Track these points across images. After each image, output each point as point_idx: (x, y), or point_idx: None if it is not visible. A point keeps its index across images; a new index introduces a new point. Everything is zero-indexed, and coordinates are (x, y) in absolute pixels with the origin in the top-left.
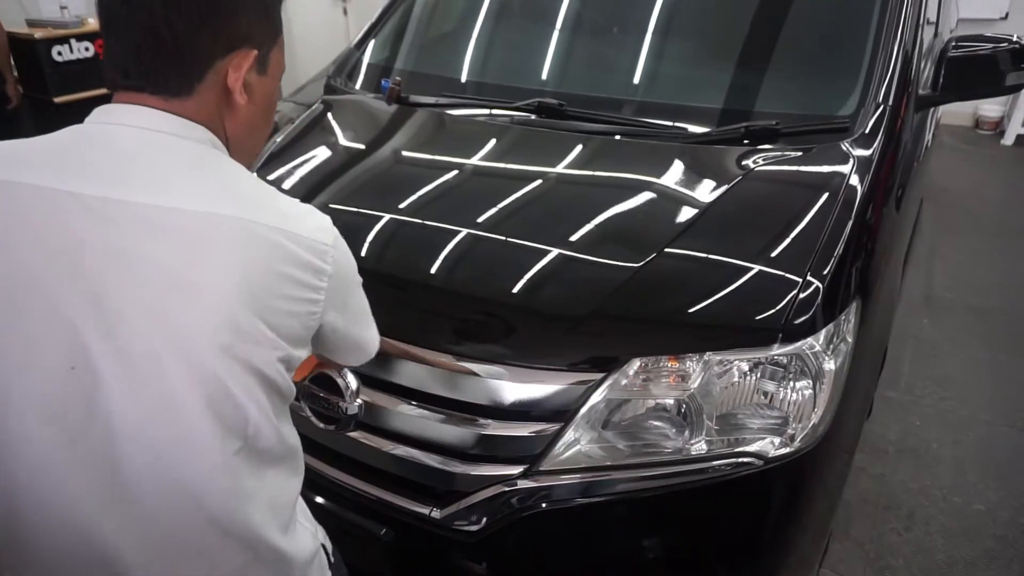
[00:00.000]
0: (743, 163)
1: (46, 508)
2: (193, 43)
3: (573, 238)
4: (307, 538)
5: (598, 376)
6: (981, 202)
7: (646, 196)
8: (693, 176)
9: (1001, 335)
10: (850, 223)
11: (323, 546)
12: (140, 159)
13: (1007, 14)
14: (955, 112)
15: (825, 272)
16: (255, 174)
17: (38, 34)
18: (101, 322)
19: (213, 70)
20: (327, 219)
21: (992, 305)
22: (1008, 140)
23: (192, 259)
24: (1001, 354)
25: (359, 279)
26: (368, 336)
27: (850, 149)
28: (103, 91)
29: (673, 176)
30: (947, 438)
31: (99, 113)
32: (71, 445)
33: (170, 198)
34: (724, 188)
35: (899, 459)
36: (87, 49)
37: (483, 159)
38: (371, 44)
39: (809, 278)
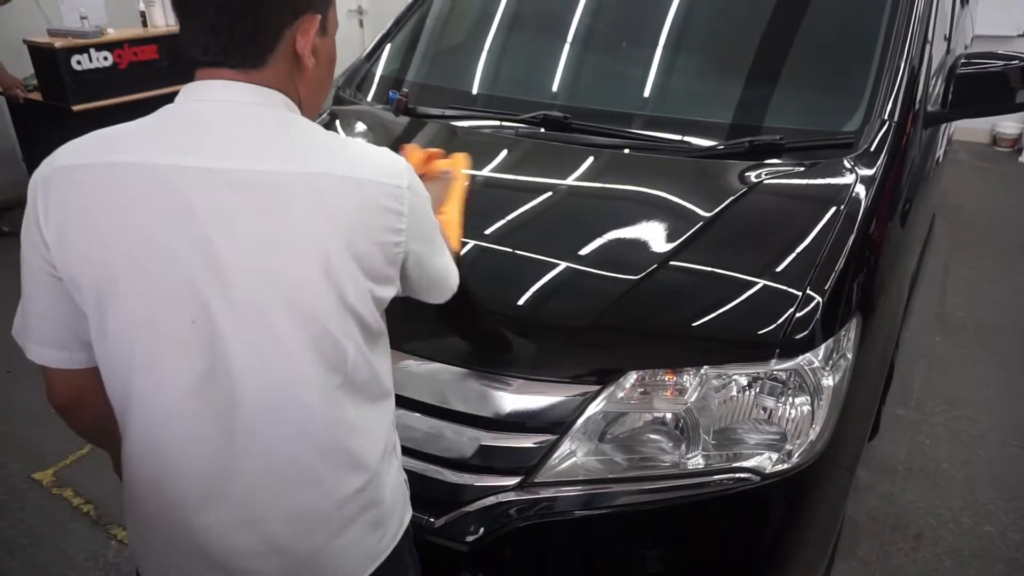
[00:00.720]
0: (746, 177)
1: (179, 448)
2: (263, 15)
3: (573, 250)
4: (401, 491)
5: (594, 388)
6: (997, 220)
7: (648, 209)
8: (695, 190)
9: (1014, 354)
10: (852, 238)
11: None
12: (229, 129)
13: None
14: (972, 129)
15: (825, 287)
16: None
17: (58, 43)
18: (215, 278)
19: (283, 39)
20: (400, 161)
21: (1005, 323)
22: None
23: (286, 214)
24: (1014, 373)
25: (433, 214)
26: (449, 267)
27: (853, 165)
28: (121, 99)
29: (675, 190)
30: (957, 457)
31: (186, 92)
32: (196, 392)
33: (261, 162)
34: (726, 202)
35: (908, 478)
36: (105, 59)
37: (488, 171)
38: (380, 56)
39: (809, 293)
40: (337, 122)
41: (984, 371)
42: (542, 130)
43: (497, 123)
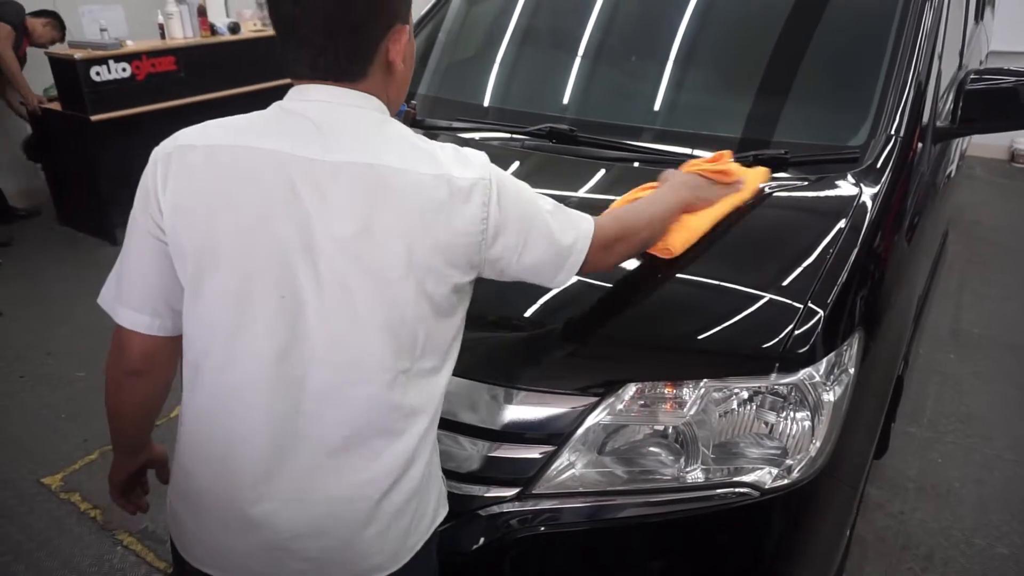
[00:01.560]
0: None
1: (250, 413)
2: (364, 35)
3: None
4: (437, 487)
5: (593, 399)
6: (1014, 236)
7: None
8: None
9: None
10: (855, 252)
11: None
12: (333, 125)
13: None
14: (990, 145)
15: (827, 301)
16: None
17: (78, 55)
18: (307, 258)
19: (379, 52)
20: (480, 157)
21: (1021, 342)
22: None
23: (378, 204)
24: None
25: (527, 204)
26: (554, 255)
27: (858, 179)
28: (139, 110)
29: None
30: (970, 477)
31: (295, 92)
32: (277, 363)
33: (360, 155)
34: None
35: (919, 497)
36: (124, 70)
37: None
38: None
39: (810, 306)
40: None
41: (999, 390)
42: (551, 142)
43: (505, 135)
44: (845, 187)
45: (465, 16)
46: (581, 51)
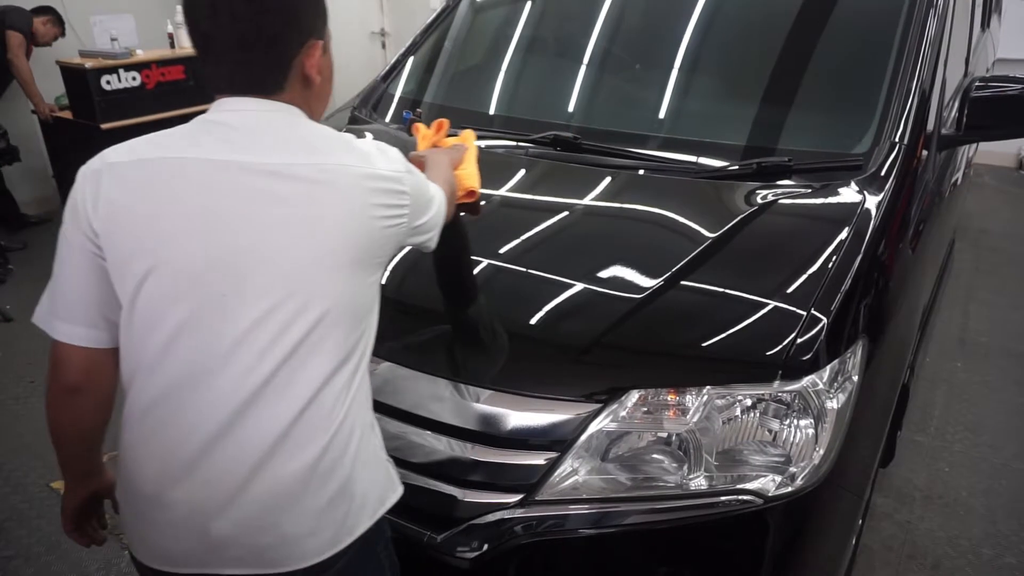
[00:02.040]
0: (752, 198)
1: (181, 419)
2: (278, 50)
3: (578, 269)
4: (375, 470)
5: (596, 406)
6: (1022, 245)
7: (654, 229)
8: (701, 210)
9: None
10: (858, 260)
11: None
12: (253, 131)
13: None
14: (998, 153)
15: (830, 308)
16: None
17: (89, 64)
18: (235, 258)
19: (294, 67)
20: (396, 152)
21: None
22: None
23: (305, 199)
24: None
25: (428, 188)
26: (432, 227)
27: (862, 186)
28: (148, 118)
29: (681, 210)
30: (978, 486)
31: (216, 105)
32: (218, 359)
33: (279, 155)
34: (732, 223)
35: (926, 506)
36: (134, 79)
37: (498, 191)
38: (396, 77)
39: (813, 314)
40: None
41: (1006, 398)
42: (555, 150)
43: (509, 143)
44: (849, 195)
45: (470, 25)
46: (586, 59)
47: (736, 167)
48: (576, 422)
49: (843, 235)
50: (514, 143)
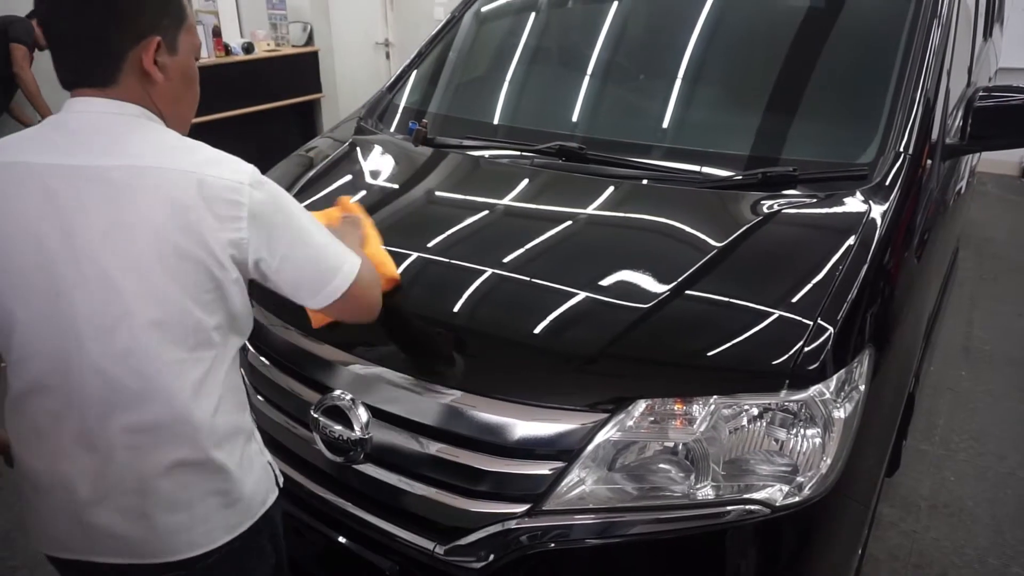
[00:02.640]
0: (758, 208)
1: (41, 421)
2: (103, 44)
3: (585, 279)
4: (256, 471)
5: (603, 416)
6: None
7: (660, 239)
8: (708, 220)
9: None
10: (864, 269)
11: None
12: (90, 133)
13: None
14: (1000, 161)
15: (836, 318)
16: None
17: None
18: (72, 257)
19: (127, 61)
20: (247, 166)
21: None
22: None
23: (130, 202)
24: None
25: (293, 216)
26: (316, 274)
27: (867, 196)
28: None
29: (687, 220)
30: (983, 495)
31: (65, 105)
32: (54, 360)
33: (113, 158)
34: (737, 232)
35: (932, 515)
36: None
37: (503, 200)
38: (401, 87)
39: (820, 323)
40: (358, 150)
41: (1011, 407)
42: (560, 160)
43: (514, 153)
44: (854, 204)
45: (476, 36)
46: (591, 70)
47: (740, 177)
48: (583, 432)
49: (849, 244)
50: (519, 153)
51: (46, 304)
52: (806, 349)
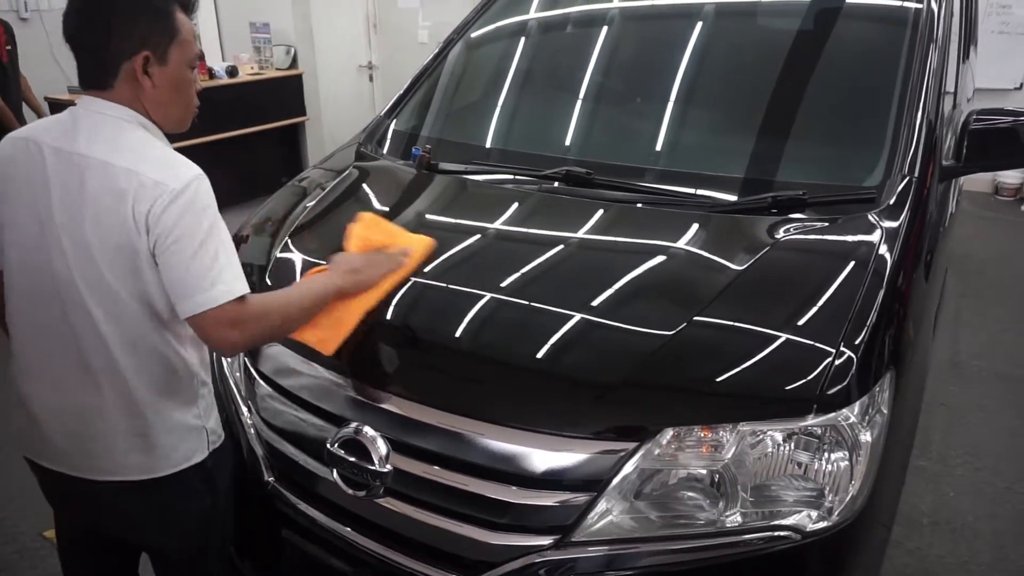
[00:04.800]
0: (772, 233)
1: (33, 338)
2: (103, 54)
3: (607, 307)
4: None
5: (631, 445)
6: (1005, 268)
7: (676, 265)
8: (722, 245)
9: None
10: (881, 293)
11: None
12: (83, 127)
13: (1021, 84)
14: (974, 179)
15: (859, 342)
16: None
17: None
18: (53, 223)
19: (122, 70)
20: (192, 171)
21: (1021, 373)
22: None
23: (84, 186)
24: None
25: (206, 228)
26: (189, 279)
27: (878, 219)
28: None
29: (702, 245)
30: (983, 511)
31: (78, 102)
32: (47, 298)
33: (86, 148)
34: (754, 257)
35: (935, 532)
36: None
37: (518, 227)
38: (401, 112)
39: (843, 348)
40: (361, 177)
41: (1003, 422)
42: (564, 185)
43: (521, 179)
44: (866, 227)
45: (474, 61)
46: (599, 94)
47: (749, 200)
48: (612, 461)
49: (866, 268)
50: (526, 178)
51: (40, 256)
52: (832, 374)
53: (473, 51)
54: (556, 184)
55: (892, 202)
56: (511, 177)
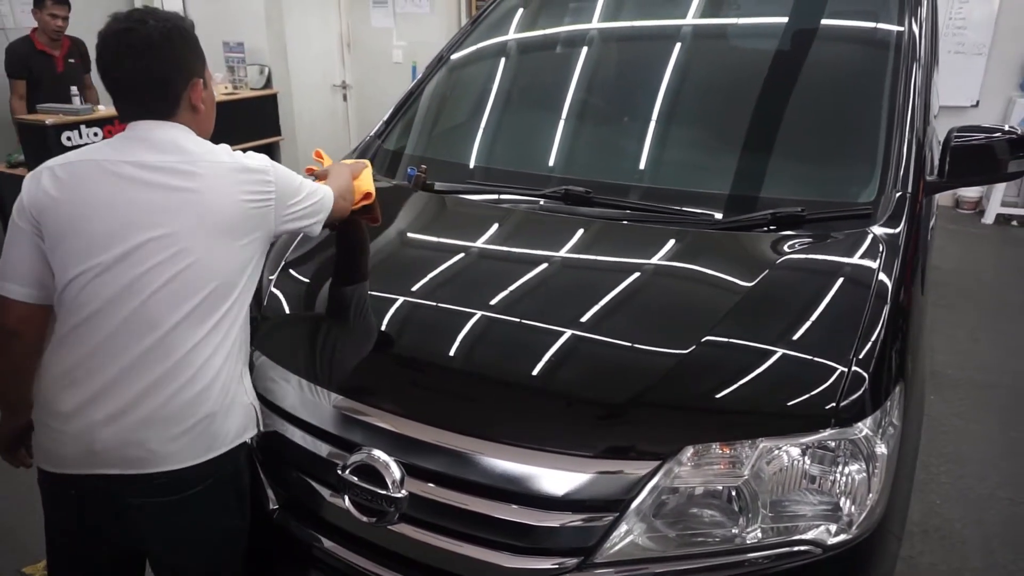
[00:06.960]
0: (776, 249)
1: (98, 344)
2: (169, 88)
3: (621, 327)
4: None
5: (653, 464)
6: (971, 279)
7: (688, 284)
8: (727, 262)
9: (1010, 411)
10: (887, 308)
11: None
12: (152, 141)
13: (977, 102)
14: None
15: (870, 355)
16: None
17: (49, 120)
18: (132, 227)
19: (182, 99)
20: (262, 157)
21: (998, 381)
22: (988, 219)
23: (181, 185)
24: (1013, 430)
25: (296, 178)
26: (320, 204)
27: (877, 235)
28: None
29: (706, 262)
30: (969, 517)
31: (129, 128)
32: (115, 304)
33: (167, 157)
34: (760, 275)
35: (925, 540)
36: (96, 134)
37: (521, 248)
38: (391, 133)
39: (855, 362)
40: None
41: (982, 429)
42: (564, 204)
43: (518, 197)
44: (867, 243)
45: (467, 80)
46: (598, 114)
47: (751, 217)
48: (633, 480)
49: (870, 283)
50: (523, 197)
51: (115, 265)
52: (846, 388)
53: (462, 71)
54: (560, 204)
55: (888, 217)
56: (508, 196)
